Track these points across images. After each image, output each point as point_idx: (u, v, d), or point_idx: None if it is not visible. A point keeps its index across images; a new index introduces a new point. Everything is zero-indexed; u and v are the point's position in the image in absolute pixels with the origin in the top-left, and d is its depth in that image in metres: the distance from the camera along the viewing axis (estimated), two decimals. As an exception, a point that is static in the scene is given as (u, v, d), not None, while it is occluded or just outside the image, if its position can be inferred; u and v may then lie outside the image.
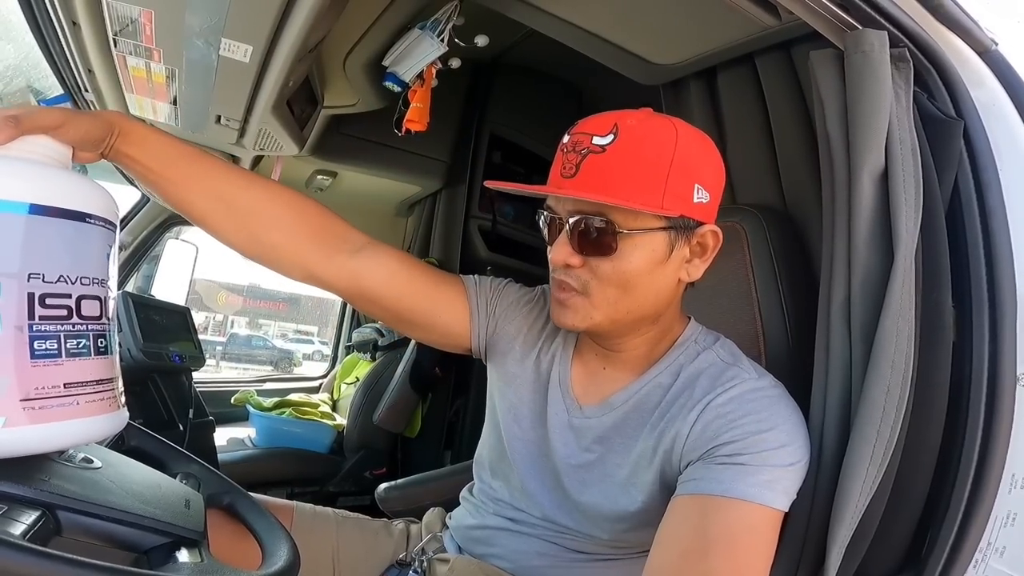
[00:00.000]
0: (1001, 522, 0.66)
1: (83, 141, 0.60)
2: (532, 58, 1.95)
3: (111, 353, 0.55)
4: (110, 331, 0.56)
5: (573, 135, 0.69)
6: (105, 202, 0.56)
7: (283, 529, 0.65)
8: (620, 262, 0.68)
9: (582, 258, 0.68)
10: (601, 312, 0.70)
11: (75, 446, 0.55)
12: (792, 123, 0.97)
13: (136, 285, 2.29)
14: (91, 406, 0.52)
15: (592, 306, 0.70)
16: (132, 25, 0.94)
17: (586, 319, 0.70)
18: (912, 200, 0.66)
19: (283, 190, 0.77)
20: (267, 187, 0.76)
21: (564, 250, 0.69)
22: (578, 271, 0.69)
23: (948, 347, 0.68)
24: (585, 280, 0.69)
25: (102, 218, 0.55)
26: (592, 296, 0.69)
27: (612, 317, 0.70)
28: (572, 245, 0.68)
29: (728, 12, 0.85)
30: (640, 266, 0.68)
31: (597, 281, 0.69)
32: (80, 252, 0.53)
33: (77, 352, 0.51)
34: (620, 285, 0.69)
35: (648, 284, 0.69)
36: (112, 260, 0.57)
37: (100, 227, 0.55)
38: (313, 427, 2.22)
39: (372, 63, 1.37)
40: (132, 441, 0.73)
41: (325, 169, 2.00)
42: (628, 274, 0.68)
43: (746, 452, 0.64)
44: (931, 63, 0.72)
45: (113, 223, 0.57)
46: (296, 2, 0.89)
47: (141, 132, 0.68)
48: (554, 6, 1.04)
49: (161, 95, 1.17)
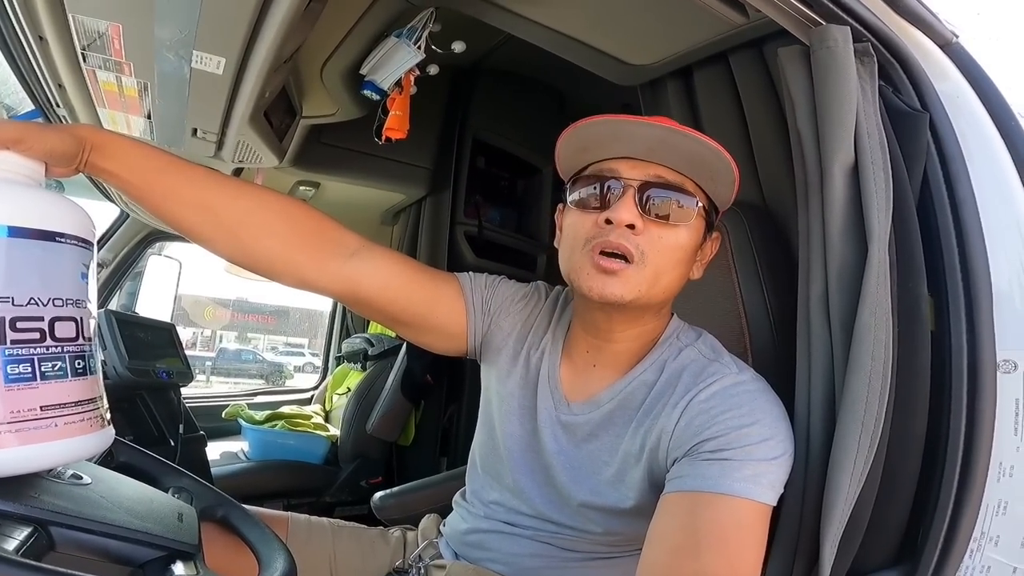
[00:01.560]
0: (993, 511, 0.67)
1: (50, 156, 0.58)
2: (512, 62, 1.96)
3: (92, 373, 0.55)
4: (89, 351, 0.55)
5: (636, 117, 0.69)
6: (78, 220, 0.55)
7: (278, 540, 0.65)
8: (682, 236, 0.69)
9: (645, 223, 0.68)
10: (648, 283, 0.69)
11: (59, 466, 0.54)
12: (767, 120, 0.98)
13: (120, 303, 2.27)
14: (71, 427, 0.51)
15: (642, 277, 0.68)
16: (100, 39, 0.93)
17: (634, 289, 0.68)
18: (883, 193, 0.67)
19: (273, 196, 0.76)
20: (256, 195, 0.75)
21: (631, 210, 0.67)
22: (638, 238, 0.68)
23: (926, 336, 0.69)
24: (644, 248, 0.68)
25: (76, 237, 0.54)
26: (646, 266, 0.68)
27: (652, 292, 0.70)
28: (638, 208, 0.68)
29: (699, 11, 0.86)
30: (691, 246, 0.71)
31: (655, 251, 0.68)
32: (52, 273, 0.52)
33: (53, 375, 0.51)
34: (674, 259, 0.69)
35: (686, 267, 0.72)
36: (90, 279, 0.56)
37: (73, 246, 0.54)
38: (307, 439, 2.22)
39: (349, 72, 1.37)
40: (121, 457, 0.73)
41: (307, 180, 1.99)
42: (683, 249, 0.70)
43: (730, 447, 0.65)
44: (894, 57, 0.73)
45: (88, 241, 0.56)
46: (268, 13, 0.88)
47: (117, 145, 0.67)
48: (529, 10, 1.05)
49: (134, 109, 1.16)
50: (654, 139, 0.67)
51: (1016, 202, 0.69)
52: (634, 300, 0.69)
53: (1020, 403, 0.66)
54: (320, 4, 0.97)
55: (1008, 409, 0.67)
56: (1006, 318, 0.68)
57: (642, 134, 0.67)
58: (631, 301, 0.69)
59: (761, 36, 0.92)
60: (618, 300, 0.68)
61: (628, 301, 0.69)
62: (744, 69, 1.01)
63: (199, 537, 0.58)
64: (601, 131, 0.69)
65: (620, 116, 0.68)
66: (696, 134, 0.67)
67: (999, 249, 0.69)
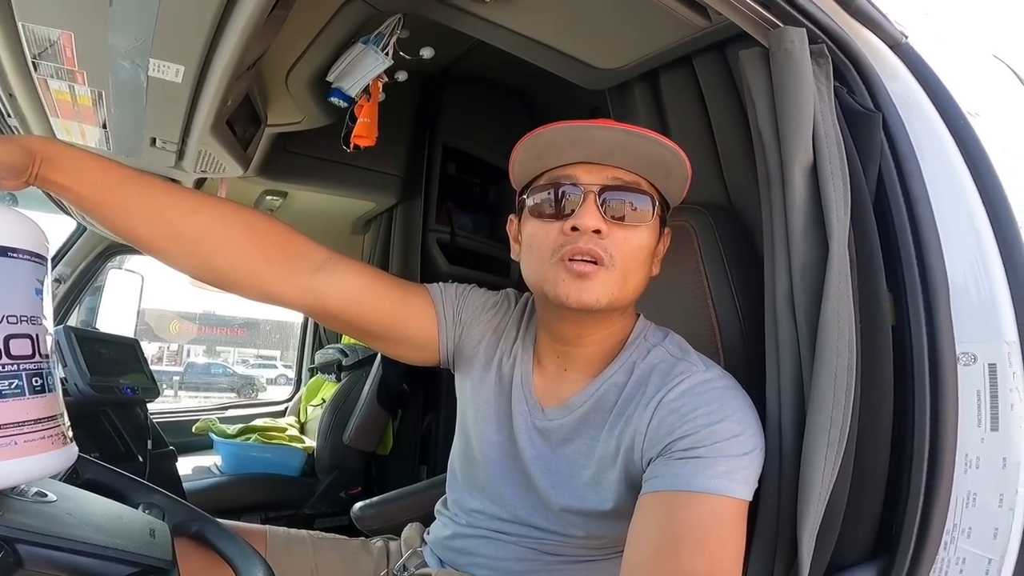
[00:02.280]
0: (963, 502, 0.68)
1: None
2: (482, 68, 1.96)
3: (50, 391, 0.54)
4: (47, 368, 0.54)
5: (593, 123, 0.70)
6: (30, 234, 0.54)
7: (256, 553, 0.64)
8: (643, 235, 0.70)
9: (609, 227, 0.68)
10: (619, 286, 0.69)
11: (21, 484, 0.53)
12: (731, 121, 1.00)
13: (79, 319, 2.20)
14: (32, 445, 0.50)
15: (614, 280, 0.69)
16: (52, 48, 0.90)
17: (607, 293, 0.68)
18: (840, 192, 0.68)
19: (234, 209, 0.74)
20: (216, 207, 0.73)
21: (595, 216, 0.67)
22: (605, 241, 0.68)
23: (888, 331, 0.71)
24: (612, 251, 0.68)
25: (28, 252, 0.53)
26: (616, 269, 0.69)
27: (624, 294, 0.70)
28: (600, 213, 0.68)
29: (663, 15, 0.87)
30: (651, 244, 0.72)
31: (623, 253, 0.69)
32: (4, 290, 0.51)
33: (10, 393, 0.50)
34: (639, 258, 0.70)
35: (648, 266, 0.73)
36: (44, 295, 0.55)
37: (26, 261, 0.53)
38: (282, 451, 2.19)
39: (316, 79, 1.35)
40: (87, 474, 0.72)
41: (274, 189, 1.96)
42: (645, 249, 0.71)
43: (701, 445, 0.65)
44: (848, 58, 0.75)
45: (42, 255, 0.55)
46: (229, 20, 0.87)
47: (70, 157, 0.65)
48: (498, 16, 1.05)
49: (89, 118, 1.12)
50: (611, 141, 0.68)
51: (968, 198, 0.71)
52: (609, 303, 0.69)
53: (982, 395, 0.68)
54: (284, 11, 0.96)
55: (970, 401, 0.68)
56: (963, 312, 0.70)
57: (600, 137, 0.68)
58: (607, 304, 0.69)
59: (724, 39, 0.94)
60: (594, 305, 0.68)
61: (604, 304, 0.69)
62: (708, 72, 1.03)
63: (173, 553, 0.57)
64: (559, 137, 0.70)
65: (577, 121, 0.69)
66: (651, 134, 0.68)
67: (953, 244, 0.71)
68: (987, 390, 0.68)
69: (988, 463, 0.67)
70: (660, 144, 0.68)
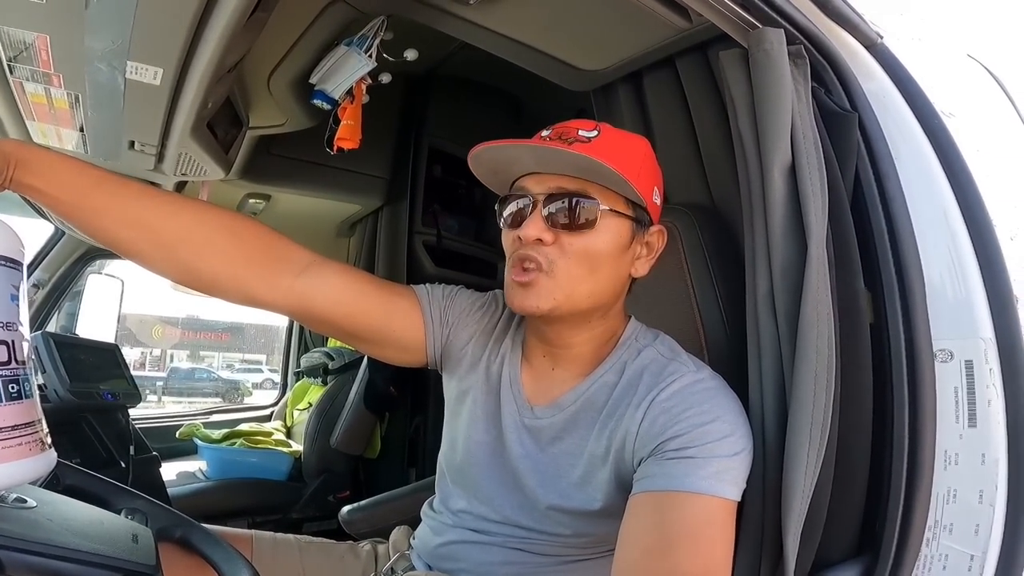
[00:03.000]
0: (943, 499, 0.69)
1: None
2: (467, 69, 1.96)
3: (27, 397, 0.53)
4: (24, 375, 0.53)
5: (555, 128, 0.72)
6: (6, 239, 0.53)
7: (242, 557, 0.63)
8: (593, 240, 0.70)
9: (554, 234, 0.70)
10: (564, 292, 0.70)
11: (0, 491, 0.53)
12: (713, 122, 1.01)
13: (59, 324, 2.16)
14: (9, 451, 0.50)
15: (556, 286, 0.70)
16: (27, 50, 0.88)
17: (549, 299, 0.70)
18: (818, 192, 0.69)
19: (215, 212, 0.74)
20: (196, 210, 0.72)
21: (537, 225, 0.70)
22: (547, 248, 0.70)
23: (866, 329, 0.72)
24: (553, 258, 0.70)
25: (3, 257, 0.52)
26: (557, 275, 0.70)
27: (573, 299, 0.71)
28: (545, 222, 0.70)
29: (645, 16, 0.88)
30: (608, 248, 0.71)
31: (566, 259, 0.70)
32: None
33: None
34: (588, 263, 0.70)
35: (610, 269, 0.72)
36: (20, 300, 0.54)
37: (1, 267, 0.52)
38: (269, 455, 2.18)
39: (298, 81, 1.34)
40: (68, 480, 0.71)
41: (257, 192, 1.94)
42: (598, 253, 0.71)
43: (692, 445, 0.66)
44: (824, 58, 0.76)
45: (17, 261, 0.54)
46: (209, 23, 0.85)
47: (45, 160, 0.64)
48: (481, 17, 1.05)
49: (66, 122, 1.10)
50: (537, 156, 0.71)
51: (943, 197, 0.72)
52: (553, 310, 0.70)
53: (959, 391, 0.69)
54: (265, 13, 0.95)
55: (948, 398, 0.69)
56: (939, 309, 0.71)
57: (526, 153, 0.71)
58: (549, 311, 0.70)
59: (705, 40, 0.95)
60: (534, 311, 0.70)
61: (546, 311, 0.70)
62: (690, 73, 1.04)
63: (157, 558, 0.56)
64: (495, 155, 0.72)
65: (505, 141, 0.71)
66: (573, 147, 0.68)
67: (929, 243, 0.72)
68: (964, 386, 0.69)
69: (967, 459, 0.68)
70: (577, 156, 0.68)
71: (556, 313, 0.71)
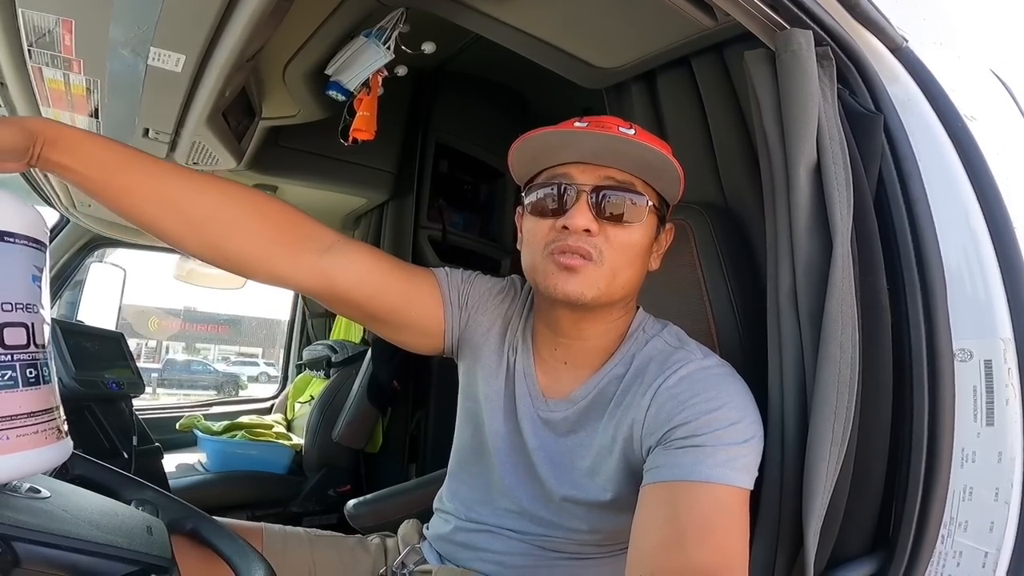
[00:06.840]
0: (959, 496, 0.70)
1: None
2: (475, 65, 1.96)
3: (45, 383, 0.52)
4: (42, 360, 0.52)
5: (591, 121, 0.72)
6: (30, 219, 0.52)
7: (254, 550, 0.63)
8: (635, 233, 0.72)
9: (600, 225, 0.70)
10: (606, 281, 0.71)
11: (14, 480, 0.52)
12: (728, 122, 1.01)
13: (59, 313, 2.15)
14: (25, 440, 0.49)
15: (601, 275, 0.70)
16: (49, 35, 0.87)
17: (593, 287, 0.70)
18: (844, 191, 0.70)
19: (241, 190, 0.74)
20: (223, 189, 0.72)
21: (585, 215, 0.70)
22: (595, 239, 0.70)
23: (887, 327, 0.72)
24: (601, 248, 0.70)
25: (27, 237, 0.51)
26: (604, 265, 0.70)
27: (612, 289, 0.72)
28: (592, 212, 0.70)
29: (668, 15, 0.88)
30: (644, 242, 0.73)
31: (611, 250, 0.71)
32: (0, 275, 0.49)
33: (3, 384, 0.48)
34: (628, 255, 0.72)
35: (642, 262, 0.74)
36: (43, 283, 0.53)
37: (23, 246, 0.51)
38: (269, 448, 2.16)
39: (313, 72, 1.34)
40: (77, 470, 0.70)
41: (264, 183, 1.93)
42: (636, 246, 0.72)
43: (700, 433, 0.66)
44: (851, 61, 0.77)
45: (41, 242, 0.53)
46: (234, 10, 0.85)
47: (74, 138, 0.63)
48: (500, 12, 1.05)
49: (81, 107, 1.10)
50: (599, 145, 0.70)
51: (964, 198, 0.73)
52: (595, 298, 0.71)
53: (978, 390, 0.70)
54: (288, 2, 0.95)
55: (967, 396, 0.70)
56: (959, 309, 0.71)
57: (589, 141, 0.70)
58: (592, 299, 0.71)
59: (723, 40, 0.95)
60: (579, 298, 0.70)
61: (590, 299, 0.70)
62: (706, 73, 1.04)
63: (171, 551, 0.56)
64: (552, 140, 0.72)
65: (568, 126, 0.71)
66: (640, 139, 0.69)
67: (950, 243, 0.73)
68: (983, 386, 0.69)
69: (984, 458, 0.69)
70: (646, 148, 0.69)
71: (597, 302, 0.72)
